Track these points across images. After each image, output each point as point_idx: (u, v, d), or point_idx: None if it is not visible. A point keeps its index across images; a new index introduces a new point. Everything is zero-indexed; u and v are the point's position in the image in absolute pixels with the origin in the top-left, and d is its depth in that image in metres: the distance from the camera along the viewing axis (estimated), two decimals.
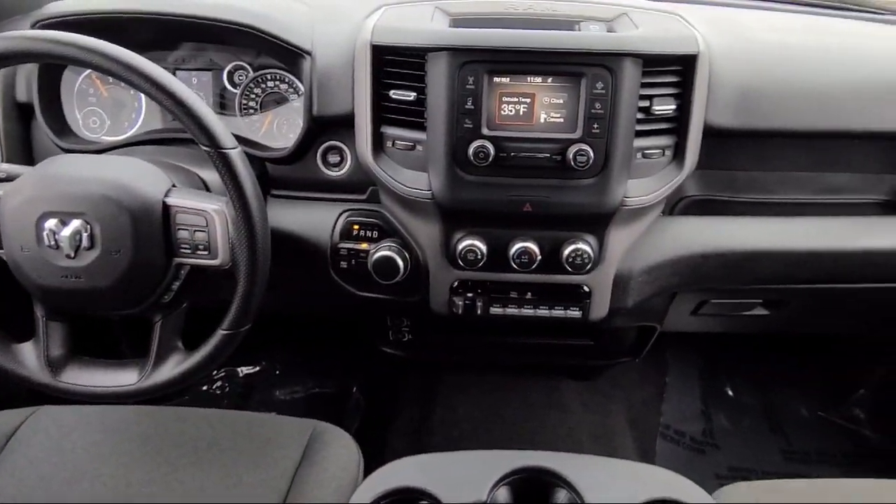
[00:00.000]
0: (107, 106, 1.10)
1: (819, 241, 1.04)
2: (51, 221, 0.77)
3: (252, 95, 1.08)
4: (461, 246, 0.96)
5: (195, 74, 1.09)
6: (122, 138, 1.06)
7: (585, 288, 1.02)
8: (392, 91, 0.92)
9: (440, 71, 0.88)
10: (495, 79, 0.89)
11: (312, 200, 1.05)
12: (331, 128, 1.01)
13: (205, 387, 1.67)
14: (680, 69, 0.92)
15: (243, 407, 1.61)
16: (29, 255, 0.79)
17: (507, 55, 0.88)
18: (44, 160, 0.86)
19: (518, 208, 0.94)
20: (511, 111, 0.90)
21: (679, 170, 0.96)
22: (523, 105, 0.90)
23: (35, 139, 1.08)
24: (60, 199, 0.78)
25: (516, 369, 1.59)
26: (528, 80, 0.89)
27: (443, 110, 0.89)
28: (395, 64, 0.91)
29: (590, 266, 0.97)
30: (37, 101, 1.01)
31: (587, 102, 0.89)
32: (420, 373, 1.61)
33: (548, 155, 0.91)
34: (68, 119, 1.07)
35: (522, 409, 1.51)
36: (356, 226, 1.02)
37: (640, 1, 1.11)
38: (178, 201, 0.79)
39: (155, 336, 0.85)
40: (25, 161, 1.07)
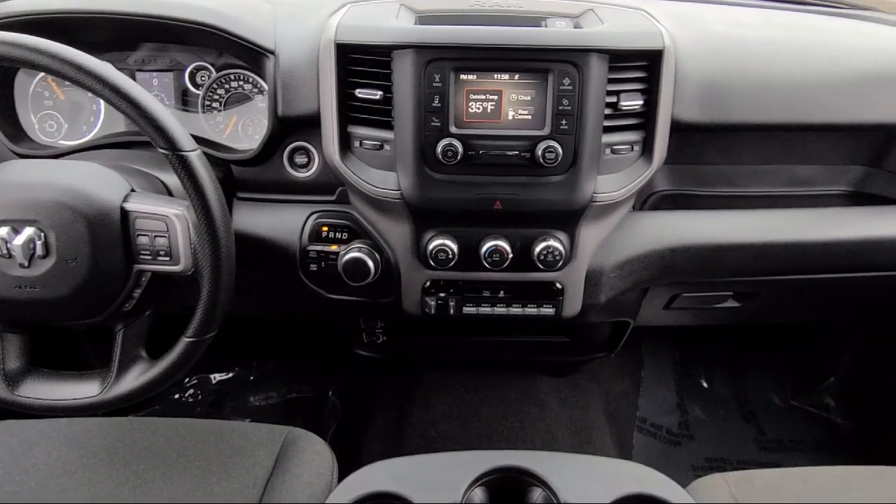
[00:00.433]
0: (64, 109, 1.06)
1: (786, 233, 1.05)
2: (2, 230, 0.74)
3: (215, 96, 1.06)
4: (432, 245, 0.95)
5: (156, 76, 1.06)
6: (81, 142, 1.03)
7: (558, 285, 1.02)
8: (358, 90, 0.90)
9: (406, 69, 0.87)
10: (462, 76, 0.88)
11: (280, 202, 1.03)
12: (297, 128, 0.99)
13: (176, 395, 1.64)
14: (646, 64, 0.92)
15: (216, 415, 1.59)
16: None
17: (473, 52, 0.87)
18: None
19: (488, 206, 0.93)
20: (478, 109, 0.89)
21: (647, 165, 0.96)
22: (491, 102, 0.89)
23: None
24: (12, 207, 0.75)
25: (493, 367, 1.59)
26: (495, 77, 0.88)
27: (409, 109, 0.88)
28: (361, 62, 0.90)
29: (561, 263, 0.97)
30: None
31: (554, 99, 0.88)
32: (397, 374, 1.60)
33: (516, 152, 0.90)
34: (23, 123, 1.04)
35: (500, 407, 1.51)
36: (325, 227, 1.01)
37: None
38: (137, 206, 0.77)
39: (117, 345, 0.83)
40: None
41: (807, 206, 1.11)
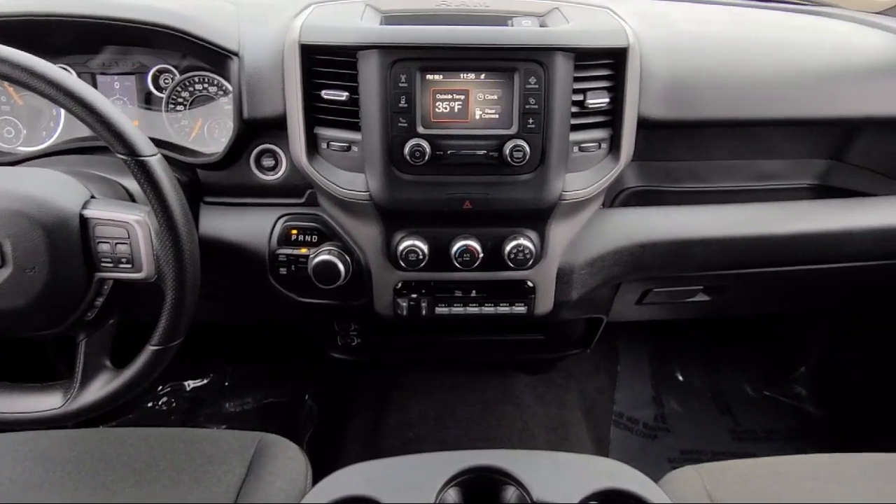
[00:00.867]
0: (22, 115, 1.04)
1: (752, 227, 1.07)
2: None
3: (180, 99, 1.04)
4: (402, 246, 0.95)
5: (118, 79, 1.04)
6: (40, 148, 1.01)
7: (529, 283, 1.02)
8: (324, 91, 0.90)
9: (371, 70, 0.87)
10: (428, 76, 0.88)
11: (248, 206, 1.02)
12: (263, 130, 0.98)
13: (150, 403, 1.61)
14: (611, 62, 0.93)
15: (191, 422, 1.56)
16: None
17: (439, 52, 0.87)
18: None
19: (457, 206, 0.93)
20: (446, 108, 0.89)
21: (615, 162, 0.97)
22: (458, 102, 0.89)
23: None
24: None
25: (470, 367, 1.59)
26: (462, 77, 0.88)
27: (376, 110, 0.88)
28: (326, 63, 0.89)
29: (532, 261, 0.97)
30: None
31: (521, 98, 0.88)
32: (373, 376, 1.59)
33: (484, 151, 0.90)
34: None
35: (477, 406, 1.51)
36: (294, 230, 1.00)
37: None
38: (97, 213, 0.75)
39: (80, 356, 0.81)
40: None
41: (773, 200, 1.13)
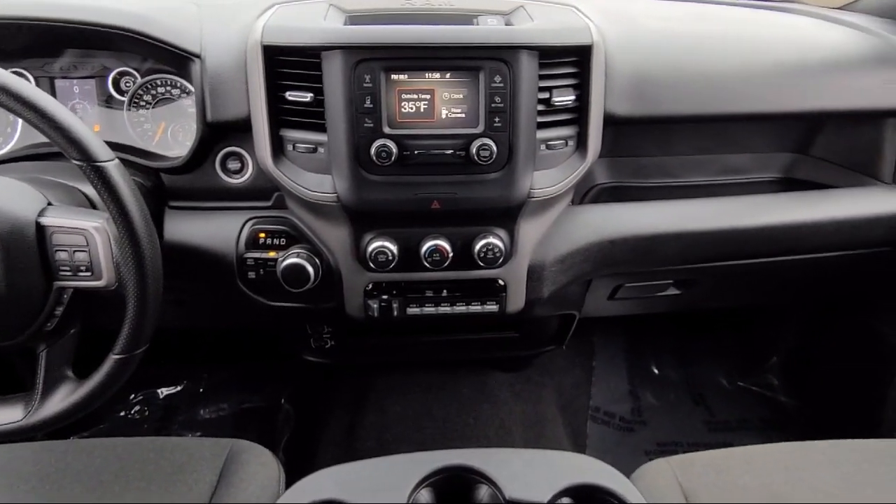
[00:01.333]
0: None
1: (719, 221, 1.08)
2: None
3: (142, 102, 1.02)
4: (371, 248, 0.95)
5: (77, 83, 1.02)
6: None
7: (500, 281, 1.02)
8: (288, 93, 0.89)
9: (335, 70, 0.86)
10: (392, 76, 0.87)
11: (214, 210, 1.00)
12: (228, 133, 0.96)
13: (122, 412, 1.58)
14: (576, 60, 0.93)
15: (165, 430, 1.54)
16: None
17: (403, 52, 0.86)
18: None
19: (426, 206, 0.93)
20: (411, 108, 0.89)
21: (582, 159, 0.97)
22: (423, 102, 0.89)
23: None
24: None
25: (446, 366, 1.59)
26: (427, 76, 0.88)
27: (341, 110, 0.87)
28: (289, 64, 0.88)
29: (502, 259, 0.97)
30: None
31: (487, 96, 0.88)
32: (350, 378, 1.59)
33: (451, 151, 0.90)
34: None
35: (454, 405, 1.51)
36: (262, 234, 0.99)
37: None
38: (54, 220, 0.74)
39: (40, 367, 0.79)
40: None
41: (741, 194, 1.15)
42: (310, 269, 0.96)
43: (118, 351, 0.76)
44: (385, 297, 1.01)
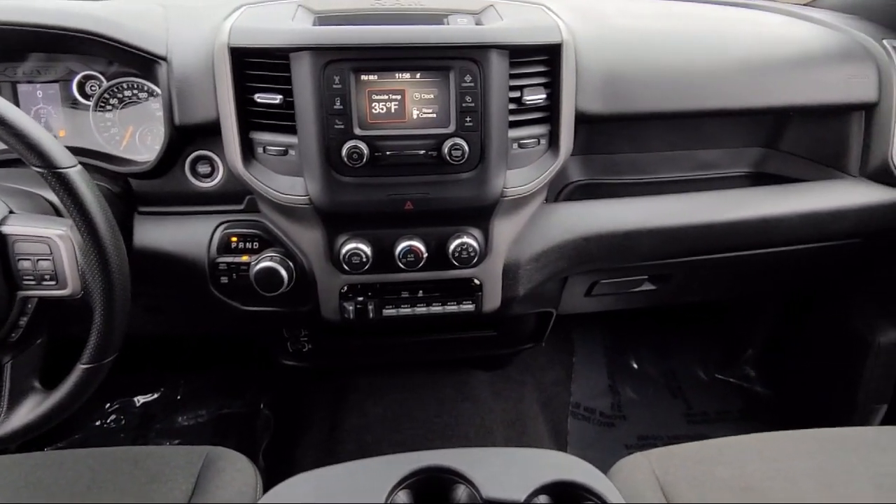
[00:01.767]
0: None
1: (691, 216, 1.09)
2: None
3: (108, 107, 1.00)
4: (345, 250, 0.94)
5: (40, 87, 1.00)
6: None
7: (476, 281, 1.02)
8: (257, 95, 0.88)
9: (304, 72, 0.85)
10: (362, 77, 0.87)
11: (185, 215, 0.99)
12: (197, 136, 0.95)
13: (98, 421, 1.56)
14: (546, 59, 0.94)
15: (142, 439, 1.51)
16: None
17: (372, 52, 0.86)
18: None
19: (399, 207, 0.92)
20: (382, 109, 0.88)
21: (555, 157, 0.98)
22: (394, 102, 0.88)
23: None
24: None
25: (426, 367, 1.59)
26: (397, 77, 0.88)
27: (311, 112, 0.86)
28: (257, 66, 0.88)
29: (477, 259, 0.97)
30: None
31: (457, 96, 0.88)
32: (329, 381, 1.57)
33: (423, 151, 0.90)
34: None
35: (434, 406, 1.51)
36: (234, 238, 0.98)
37: None
38: (16, 229, 0.72)
39: (6, 379, 0.77)
40: None
41: (713, 189, 1.16)
42: (283, 273, 0.95)
43: (86, 360, 0.75)
44: (360, 299, 1.00)
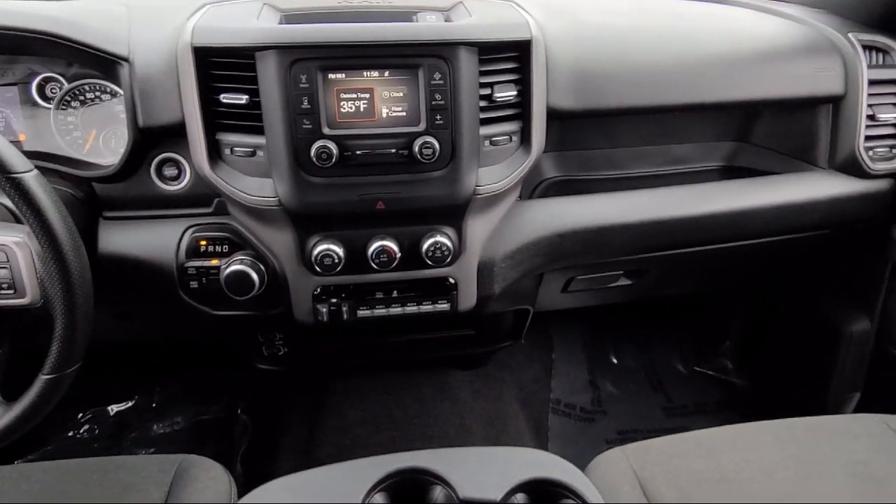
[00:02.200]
0: None
1: (664, 211, 1.10)
2: None
3: (70, 109, 0.98)
4: (317, 251, 0.93)
5: None
6: None
7: (451, 280, 1.02)
8: (223, 95, 0.86)
9: (270, 71, 0.84)
10: (330, 75, 0.85)
11: (152, 219, 0.97)
12: (163, 139, 0.93)
13: (70, 432, 1.52)
14: (517, 55, 0.93)
15: (116, 448, 1.48)
16: None
17: (338, 50, 0.85)
18: None
19: (370, 207, 0.91)
20: (351, 108, 0.87)
21: (527, 154, 0.97)
22: (363, 101, 0.87)
23: None
24: None
25: (404, 367, 1.58)
26: (365, 75, 0.87)
27: (279, 112, 0.85)
28: (222, 66, 0.86)
29: (451, 258, 0.97)
30: None
31: (427, 94, 0.88)
32: (306, 384, 1.56)
33: (394, 150, 0.89)
34: None
35: (414, 406, 1.50)
36: (203, 241, 0.96)
37: None
38: None
39: None
40: None
41: (686, 183, 1.17)
42: (254, 276, 0.93)
43: (48, 370, 0.73)
44: (334, 301, 0.99)
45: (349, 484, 0.77)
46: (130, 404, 1.58)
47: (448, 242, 0.96)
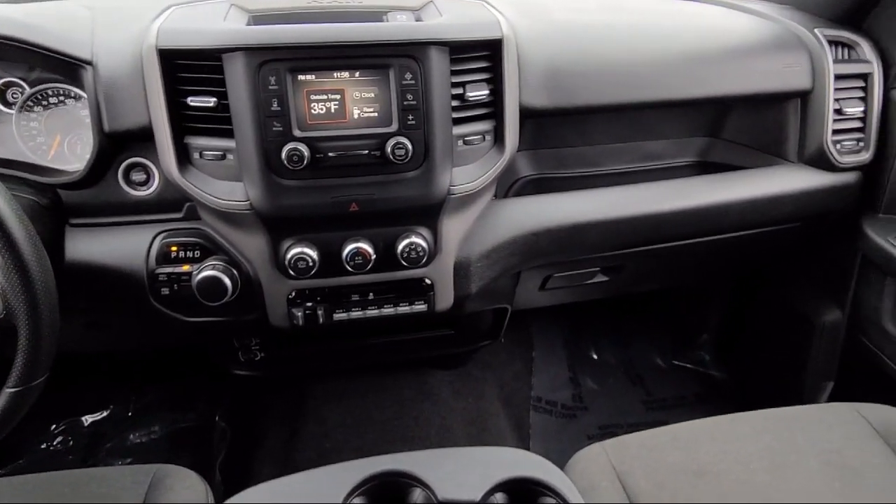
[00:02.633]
0: None
1: (639, 207, 1.11)
2: None
3: (33, 114, 0.95)
4: (290, 255, 0.92)
5: None
6: None
7: (427, 281, 1.01)
8: (190, 98, 0.85)
9: (238, 73, 0.82)
10: (299, 77, 0.84)
11: (121, 225, 0.95)
12: (130, 143, 0.91)
13: (43, 444, 1.49)
14: (488, 54, 0.93)
15: (92, 459, 1.45)
16: None
17: (307, 51, 0.84)
18: None
19: (344, 209, 0.90)
20: (322, 109, 0.86)
21: (501, 153, 0.97)
22: (334, 102, 0.86)
23: None
24: None
25: (384, 368, 1.57)
26: (335, 76, 0.86)
27: (248, 115, 0.84)
28: (189, 69, 0.84)
29: (426, 258, 0.96)
30: None
31: (399, 94, 0.87)
32: (285, 389, 1.54)
33: (366, 151, 0.88)
34: None
35: (394, 408, 1.49)
36: (174, 247, 0.94)
37: None
38: None
39: None
40: None
41: (660, 179, 1.18)
42: (227, 281, 0.92)
43: (12, 383, 0.71)
44: (309, 305, 0.98)
45: (328, 489, 0.76)
46: (105, 414, 1.55)
47: (423, 243, 0.95)
